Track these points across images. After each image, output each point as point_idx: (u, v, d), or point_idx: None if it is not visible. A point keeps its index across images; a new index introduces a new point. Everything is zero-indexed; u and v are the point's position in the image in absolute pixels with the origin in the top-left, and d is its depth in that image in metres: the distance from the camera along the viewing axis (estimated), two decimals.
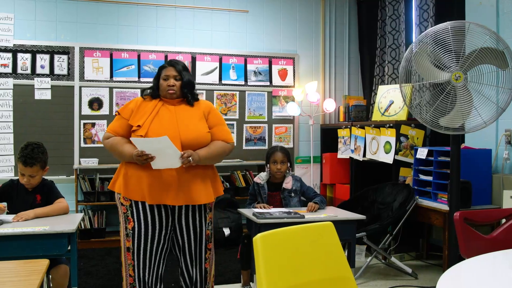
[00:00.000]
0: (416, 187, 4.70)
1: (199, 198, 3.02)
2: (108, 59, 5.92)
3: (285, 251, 1.93)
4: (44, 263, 2.15)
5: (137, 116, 3.05)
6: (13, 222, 3.10)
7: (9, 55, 5.66)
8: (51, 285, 3.26)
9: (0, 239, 2.87)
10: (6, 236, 2.87)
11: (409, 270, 4.52)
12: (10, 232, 2.87)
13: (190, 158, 2.86)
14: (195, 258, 3.16)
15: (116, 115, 3.18)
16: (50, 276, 3.25)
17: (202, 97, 6.13)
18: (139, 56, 5.99)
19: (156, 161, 2.88)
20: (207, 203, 3.12)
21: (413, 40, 5.16)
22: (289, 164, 4.10)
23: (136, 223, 3.00)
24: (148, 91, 3.19)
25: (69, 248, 3.01)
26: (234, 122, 6.29)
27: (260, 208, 3.87)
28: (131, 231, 3.02)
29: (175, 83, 3.09)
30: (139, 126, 2.99)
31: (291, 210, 3.75)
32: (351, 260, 3.70)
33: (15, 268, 2.13)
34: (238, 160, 6.13)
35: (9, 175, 5.55)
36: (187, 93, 3.12)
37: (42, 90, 5.73)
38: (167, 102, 3.11)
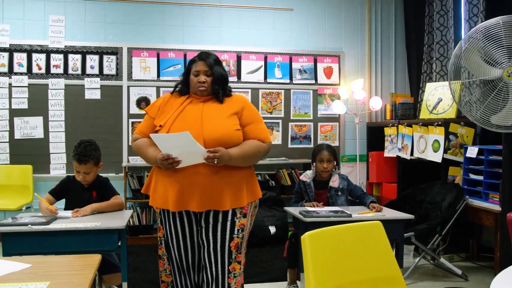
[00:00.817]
0: (466, 187, 4.62)
1: (224, 203, 2.74)
2: (155, 59, 6.05)
3: (333, 249, 1.94)
4: (96, 258, 2.22)
5: (162, 114, 2.86)
6: (72, 217, 3.22)
7: (61, 56, 5.87)
8: (101, 281, 3.38)
9: (55, 234, 2.99)
10: (61, 232, 2.99)
11: (459, 272, 4.45)
12: (63, 227, 2.99)
13: (215, 159, 2.62)
14: (215, 271, 2.81)
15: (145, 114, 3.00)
16: (102, 278, 3.38)
17: (248, 96, 6.20)
18: (185, 56, 6.09)
19: (181, 164, 2.69)
20: (236, 207, 2.81)
21: (462, 36, 5.07)
22: (335, 163, 4.09)
23: (165, 231, 2.91)
24: (178, 87, 2.98)
25: (119, 244, 3.10)
26: (280, 121, 6.33)
27: (311, 206, 3.86)
28: (162, 239, 2.95)
29: (206, 79, 2.84)
30: (161, 126, 2.79)
31: (338, 209, 3.74)
32: (399, 260, 3.67)
33: (69, 262, 2.22)
34: (284, 158, 6.17)
35: (61, 172, 5.77)
36: (218, 89, 2.87)
37: (92, 90, 5.91)
38: (195, 99, 2.88)
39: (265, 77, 6.32)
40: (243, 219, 2.86)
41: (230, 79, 6.12)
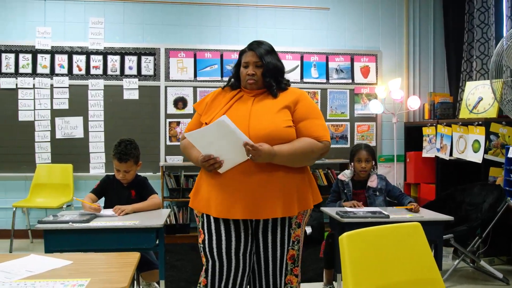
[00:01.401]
0: (507, 188, 4.53)
1: (274, 210, 2.45)
2: (192, 59, 6.13)
3: (371, 250, 1.93)
4: (135, 256, 2.26)
5: (209, 111, 2.64)
6: (113, 215, 3.29)
7: (100, 57, 6.01)
8: (140, 279, 3.45)
9: (95, 232, 3.06)
10: (100, 230, 3.06)
11: (500, 275, 4.37)
12: (103, 226, 3.07)
13: (257, 149, 2.33)
14: (265, 284, 2.60)
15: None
16: (141, 275, 3.45)
17: None
18: (221, 56, 6.15)
19: (224, 163, 2.45)
20: (289, 216, 2.54)
21: (504, 34, 4.96)
22: (374, 163, 4.07)
23: (206, 235, 2.57)
24: (231, 81, 2.76)
25: (157, 242, 3.14)
26: None
27: (351, 205, 3.84)
28: (201, 245, 2.60)
29: (255, 71, 2.59)
30: (206, 124, 2.54)
31: (376, 210, 3.72)
32: (437, 262, 3.60)
33: (109, 259, 2.26)
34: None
35: (101, 171, 5.91)
36: (270, 81, 2.59)
37: (130, 90, 6.02)
38: (246, 93, 2.65)
39: (302, 77, 6.33)
40: (298, 230, 2.59)
41: None
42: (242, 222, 2.54)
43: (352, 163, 4.09)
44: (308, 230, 5.61)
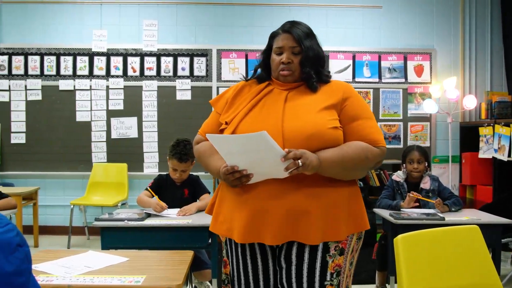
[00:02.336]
0: None
1: (312, 234, 1.91)
2: (244, 59, 6.20)
3: (427, 253, 1.92)
4: (189, 254, 2.32)
5: (231, 108, 2.10)
6: (178, 215, 3.35)
7: (154, 59, 6.16)
8: (192, 277, 3.52)
9: (149, 230, 3.16)
10: (154, 228, 3.16)
11: None
12: (157, 224, 3.17)
13: (299, 161, 1.81)
14: None
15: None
16: (193, 274, 3.51)
17: None
18: None
19: (253, 177, 1.91)
20: (328, 241, 1.94)
21: None
22: (426, 164, 4.01)
23: (231, 267, 2.11)
24: (257, 71, 2.20)
25: (209, 241, 3.17)
26: None
27: (408, 202, 3.79)
28: (226, 278, 2.16)
29: (291, 58, 2.03)
30: (227, 123, 2.05)
31: (430, 211, 3.67)
32: (496, 267, 3.53)
33: (164, 257, 2.31)
34: None
35: (154, 171, 6.06)
36: (310, 72, 2.03)
37: (183, 91, 6.14)
38: (278, 86, 2.08)
39: (353, 76, 6.29)
40: (339, 258, 1.96)
41: None
42: (269, 248, 2.03)
43: (404, 165, 4.05)
44: None
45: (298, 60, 2.03)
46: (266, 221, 1.90)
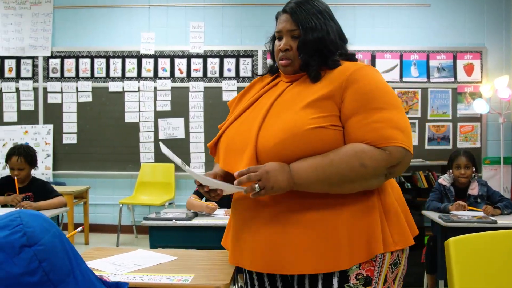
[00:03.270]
0: None
1: (300, 263, 1.52)
2: None
3: (480, 257, 1.88)
4: None
5: (234, 110, 1.85)
6: (225, 215, 3.40)
7: (200, 60, 6.25)
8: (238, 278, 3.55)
9: (196, 229, 3.22)
10: (201, 227, 3.21)
11: None
12: (204, 223, 3.22)
13: (257, 185, 1.47)
14: None
15: None
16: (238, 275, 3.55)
17: None
18: None
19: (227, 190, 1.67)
20: (332, 271, 1.53)
21: None
22: (474, 169, 3.92)
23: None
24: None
25: None
26: (416, 121, 6.19)
27: (457, 207, 3.73)
28: None
29: (290, 44, 1.68)
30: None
31: (481, 214, 3.59)
32: None
33: (211, 256, 2.29)
34: (420, 160, 6.02)
35: (201, 171, 6.17)
36: (308, 59, 1.65)
37: (229, 92, 6.21)
38: (284, 79, 1.76)
39: (401, 76, 6.22)
40: None
41: None
42: (280, 277, 1.70)
43: (451, 170, 3.97)
44: None
45: (296, 47, 1.68)
46: (245, 242, 1.63)
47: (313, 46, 1.64)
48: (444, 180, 4.02)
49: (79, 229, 2.22)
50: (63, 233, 1.27)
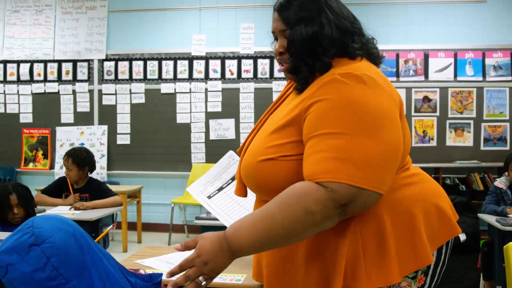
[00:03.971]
0: None
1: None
2: None
3: None
4: None
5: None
6: None
7: (251, 61, 6.32)
8: None
9: None
10: None
11: None
12: None
13: (200, 278, 1.30)
14: None
15: None
16: None
17: (436, 95, 6.03)
18: None
19: None
20: None
21: None
22: None
23: None
24: None
25: None
26: (471, 121, 6.06)
27: None
28: None
29: (284, 46, 1.44)
30: None
31: None
32: None
33: None
34: (475, 161, 5.90)
35: None
36: (296, 63, 1.41)
37: (279, 92, 6.18)
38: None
39: (455, 75, 6.09)
40: None
41: (416, 78, 6.03)
42: None
43: (506, 172, 3.88)
44: (462, 237, 5.38)
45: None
46: (261, 263, 1.56)
47: (303, 45, 1.38)
48: (501, 183, 3.93)
49: (110, 227, 2.30)
50: (82, 232, 1.36)
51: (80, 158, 4.23)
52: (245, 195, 1.57)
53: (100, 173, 6.41)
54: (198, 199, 1.74)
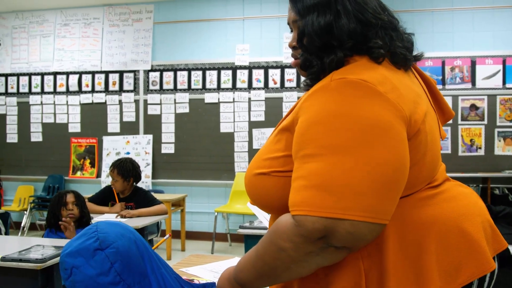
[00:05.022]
0: None
1: None
2: None
3: None
4: None
5: None
6: None
7: (294, 70, 6.47)
8: None
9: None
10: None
11: None
12: None
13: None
14: None
15: None
16: None
17: (484, 103, 5.91)
18: None
19: None
20: None
21: None
22: None
23: None
24: None
25: None
26: None
27: None
28: None
29: (296, 37, 1.29)
30: None
31: None
32: None
33: None
34: None
35: None
36: (308, 58, 1.23)
37: None
38: None
39: (504, 82, 5.96)
40: None
41: (463, 86, 5.93)
42: None
43: None
44: None
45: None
46: None
47: (315, 37, 1.20)
48: None
49: (166, 236, 2.35)
50: (142, 240, 1.40)
51: (125, 169, 4.35)
52: None
53: (145, 181, 6.55)
54: (256, 213, 1.71)
